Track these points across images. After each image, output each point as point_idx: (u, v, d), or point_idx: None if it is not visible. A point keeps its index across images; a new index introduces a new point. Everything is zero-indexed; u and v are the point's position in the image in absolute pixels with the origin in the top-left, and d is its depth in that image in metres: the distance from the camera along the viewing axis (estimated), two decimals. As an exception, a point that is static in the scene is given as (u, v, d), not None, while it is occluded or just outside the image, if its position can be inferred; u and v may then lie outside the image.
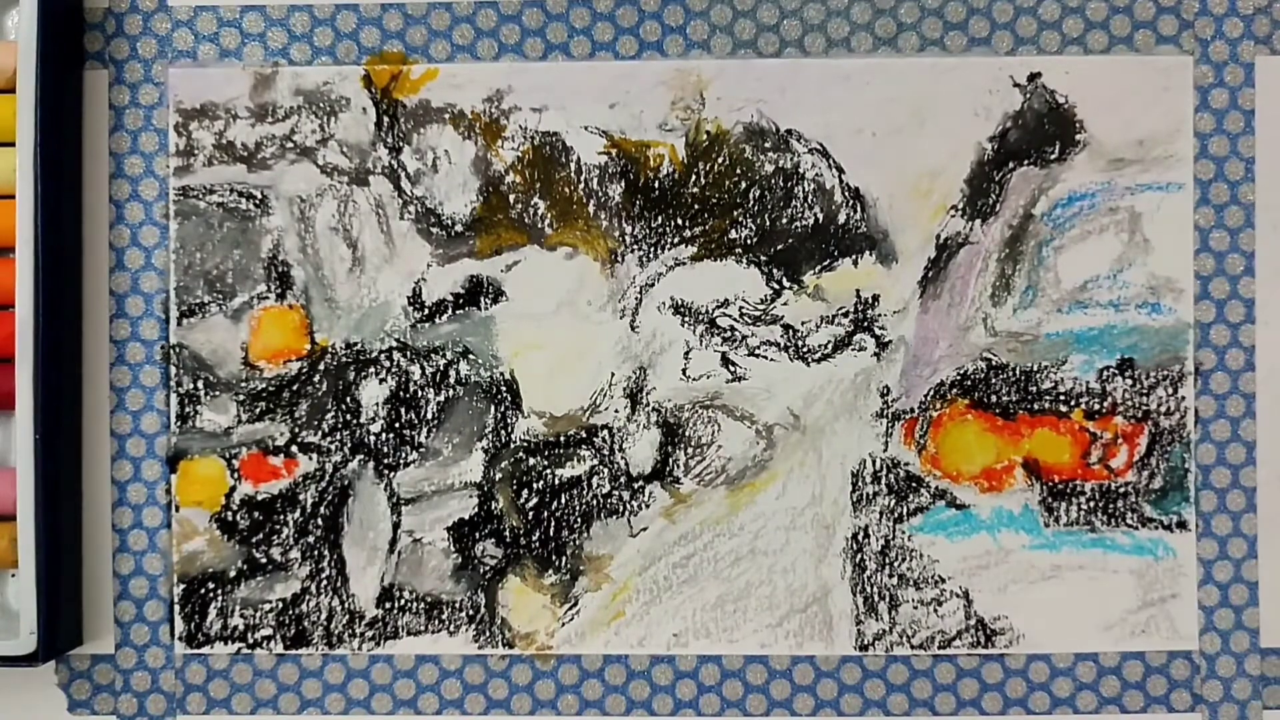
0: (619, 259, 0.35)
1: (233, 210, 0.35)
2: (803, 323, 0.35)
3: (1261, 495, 0.35)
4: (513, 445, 0.35)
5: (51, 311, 0.33)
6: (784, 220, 0.35)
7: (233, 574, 0.35)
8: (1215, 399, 0.35)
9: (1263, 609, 0.35)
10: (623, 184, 0.35)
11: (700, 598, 0.35)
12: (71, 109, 0.35)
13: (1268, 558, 0.35)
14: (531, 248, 0.35)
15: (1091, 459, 0.35)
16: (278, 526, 0.35)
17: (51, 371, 0.33)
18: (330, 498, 0.35)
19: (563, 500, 0.35)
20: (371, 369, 0.35)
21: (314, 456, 0.35)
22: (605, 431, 0.35)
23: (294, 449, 0.35)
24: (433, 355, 0.35)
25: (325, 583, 0.35)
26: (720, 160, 0.35)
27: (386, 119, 0.35)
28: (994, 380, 0.35)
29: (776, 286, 0.35)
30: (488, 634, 0.35)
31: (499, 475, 0.35)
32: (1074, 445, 0.35)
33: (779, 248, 0.35)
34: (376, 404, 0.35)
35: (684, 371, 0.35)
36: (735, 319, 0.35)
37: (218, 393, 0.35)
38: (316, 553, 0.35)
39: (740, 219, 0.35)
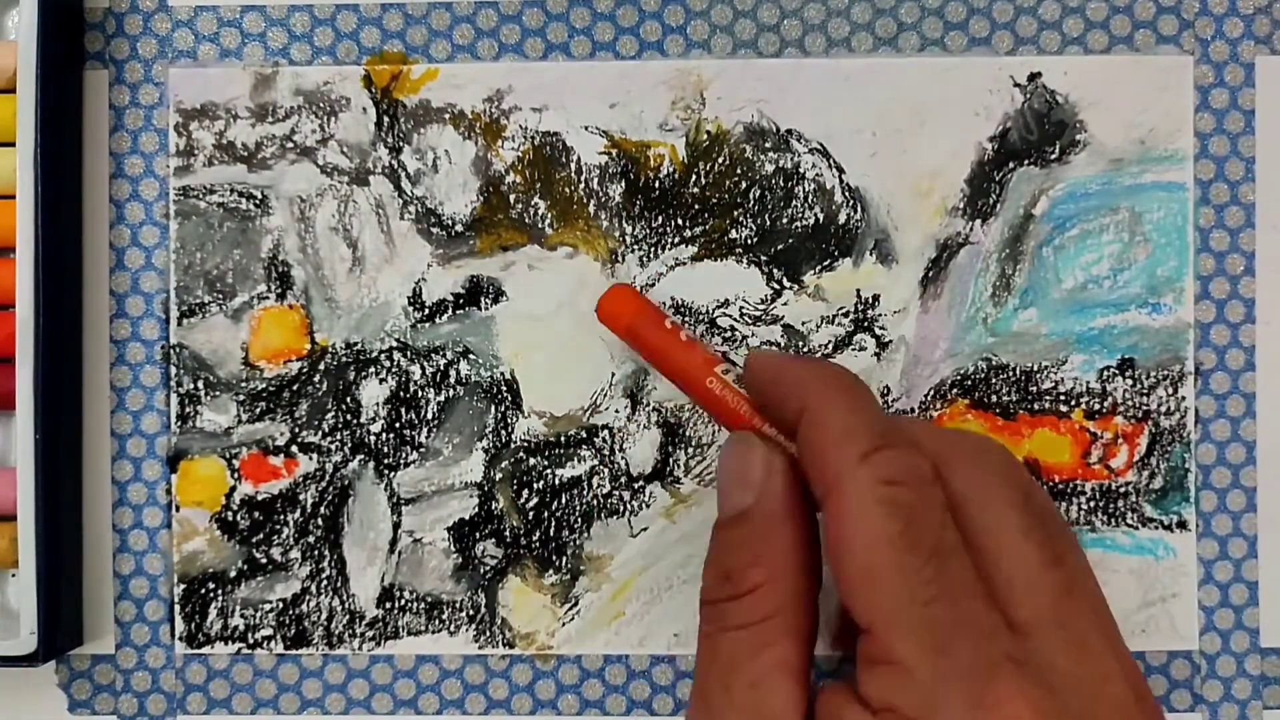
0: (619, 259, 0.35)
1: (233, 210, 0.35)
2: (803, 323, 0.35)
3: (1261, 495, 0.35)
4: (513, 445, 0.35)
5: (51, 311, 0.33)
6: (784, 220, 0.35)
7: (233, 574, 0.35)
8: (1215, 399, 0.35)
9: (1263, 609, 0.35)
10: (623, 184, 0.35)
11: (700, 598, 0.35)
12: (71, 109, 0.35)
13: (1268, 558, 0.35)
14: (532, 248, 0.35)
15: (1092, 459, 0.35)
16: (278, 526, 0.35)
17: (51, 371, 0.33)
18: (330, 498, 0.35)
19: (563, 500, 0.35)
20: (371, 369, 0.35)
21: (314, 456, 0.35)
22: (605, 431, 0.35)
23: (294, 449, 0.35)
24: (433, 355, 0.35)
25: (325, 583, 0.35)
26: (720, 160, 0.35)
27: (386, 119, 0.35)
28: (994, 380, 0.35)
29: (777, 286, 0.35)
30: (488, 634, 0.35)
31: (499, 475, 0.35)
32: (1074, 445, 0.35)
33: (779, 248, 0.35)
34: (377, 404, 0.35)
35: (684, 371, 0.35)
36: (736, 319, 0.35)
37: (218, 393, 0.35)
38: (317, 553, 0.35)
39: (740, 219, 0.35)
